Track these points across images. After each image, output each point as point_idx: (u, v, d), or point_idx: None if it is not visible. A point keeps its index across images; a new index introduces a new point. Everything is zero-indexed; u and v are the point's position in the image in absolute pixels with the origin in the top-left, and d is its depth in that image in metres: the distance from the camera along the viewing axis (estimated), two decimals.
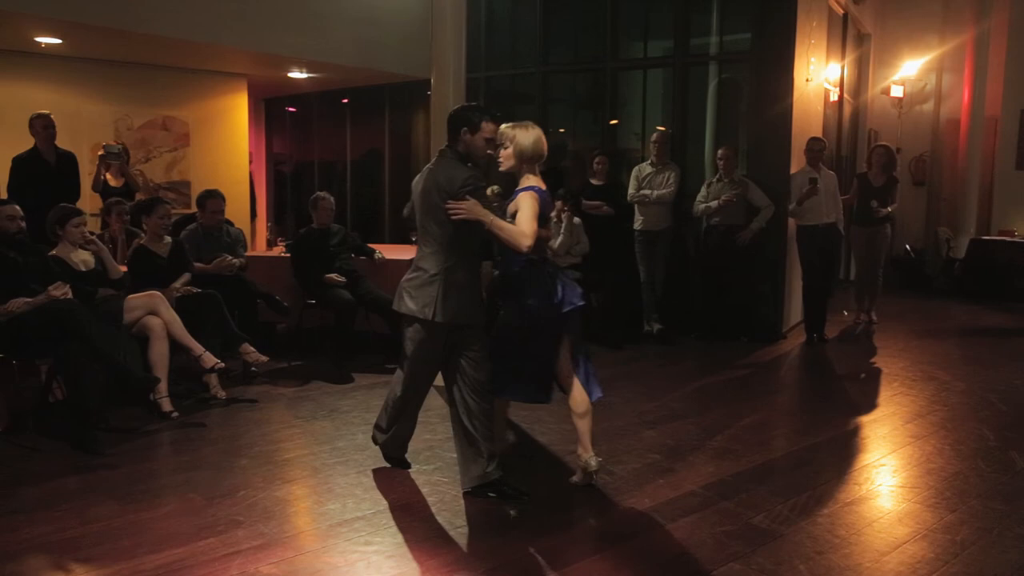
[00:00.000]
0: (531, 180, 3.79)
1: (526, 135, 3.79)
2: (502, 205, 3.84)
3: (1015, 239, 10.53)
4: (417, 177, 3.89)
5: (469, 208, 3.58)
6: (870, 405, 5.56)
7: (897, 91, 11.56)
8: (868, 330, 8.15)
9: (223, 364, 5.26)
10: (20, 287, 4.63)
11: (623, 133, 8.87)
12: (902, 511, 3.72)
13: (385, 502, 3.73)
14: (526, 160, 3.80)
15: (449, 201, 3.60)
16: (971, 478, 4.12)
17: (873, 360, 6.94)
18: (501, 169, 3.85)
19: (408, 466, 4.17)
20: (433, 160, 3.87)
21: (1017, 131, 10.94)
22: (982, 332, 8.49)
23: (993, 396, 5.72)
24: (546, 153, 3.88)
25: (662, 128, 8.04)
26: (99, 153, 7.34)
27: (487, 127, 3.75)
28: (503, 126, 3.82)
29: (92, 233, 5.36)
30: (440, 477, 4.05)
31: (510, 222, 3.68)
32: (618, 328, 7.64)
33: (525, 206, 3.66)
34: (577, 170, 8.75)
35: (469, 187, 3.62)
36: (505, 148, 3.78)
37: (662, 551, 3.30)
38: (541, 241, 3.77)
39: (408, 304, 3.75)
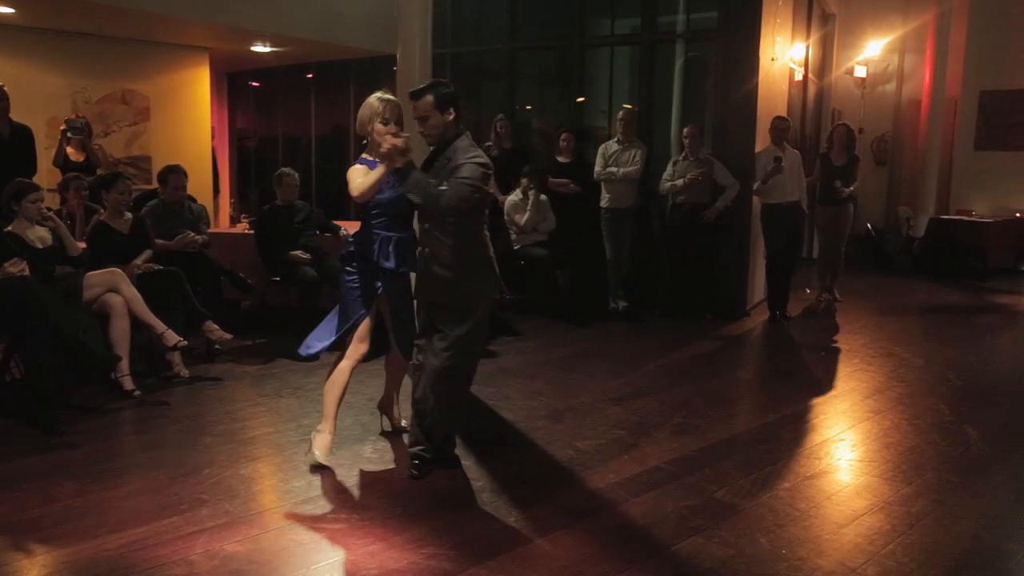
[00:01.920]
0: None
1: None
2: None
3: (973, 219, 10.73)
4: None
5: None
6: (830, 381, 5.66)
7: (860, 71, 11.67)
8: (830, 308, 8.27)
9: (186, 342, 5.20)
10: None
11: (590, 111, 8.86)
12: (860, 484, 3.81)
13: (351, 479, 3.73)
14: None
15: None
16: (927, 452, 4.22)
17: (834, 337, 7.05)
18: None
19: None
20: None
21: (976, 112, 11.12)
22: (940, 309, 8.66)
23: (950, 372, 5.85)
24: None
25: (628, 106, 8.04)
26: (61, 127, 7.17)
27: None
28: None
29: (50, 209, 5.25)
30: (405, 454, 4.05)
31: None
32: (584, 305, 7.67)
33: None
34: (543, 147, 8.74)
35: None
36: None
37: (627, 525, 3.34)
38: None
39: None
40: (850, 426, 4.67)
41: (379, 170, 3.67)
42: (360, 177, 3.76)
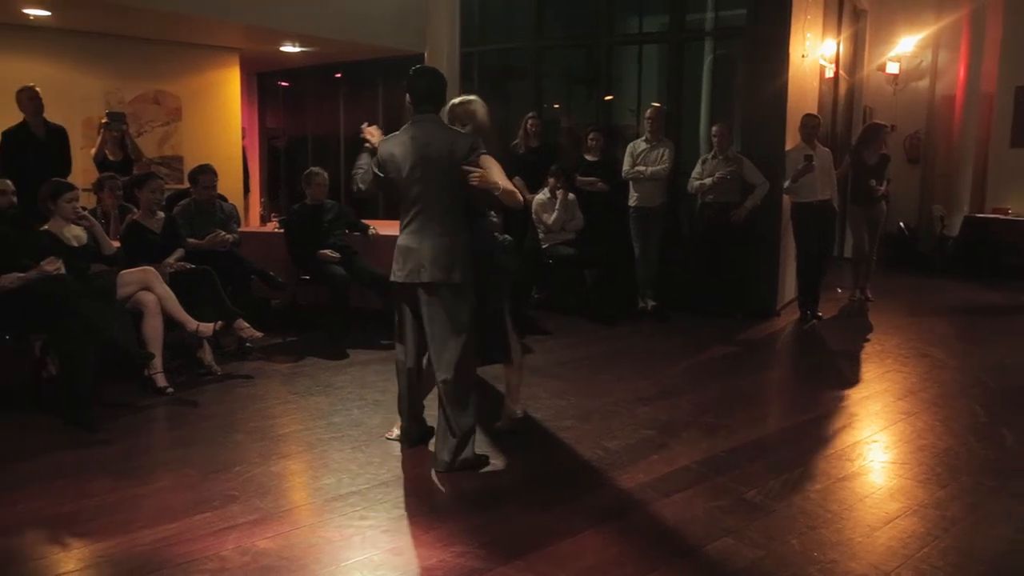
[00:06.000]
0: None
1: (483, 109, 4.02)
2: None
3: (1009, 217, 10.54)
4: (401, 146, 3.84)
5: (483, 176, 3.73)
6: (862, 382, 5.59)
7: (893, 68, 11.52)
8: (862, 307, 8.18)
9: (221, 322, 5.27)
10: (12, 262, 4.61)
11: (618, 109, 8.83)
12: (893, 487, 3.76)
13: (380, 477, 3.74)
14: (485, 134, 3.98)
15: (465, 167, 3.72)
16: (962, 454, 4.15)
17: (866, 337, 6.96)
18: None
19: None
20: (425, 125, 3.83)
21: (1012, 108, 10.90)
22: (975, 310, 8.53)
23: (984, 374, 5.75)
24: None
25: (657, 104, 7.99)
26: (102, 121, 7.24)
27: None
28: (456, 102, 4.01)
29: (85, 208, 5.33)
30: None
31: None
32: (612, 304, 7.65)
33: (495, 165, 3.83)
34: (571, 146, 8.71)
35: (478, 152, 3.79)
36: (466, 126, 3.94)
37: (656, 526, 3.32)
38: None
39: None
40: (882, 428, 4.61)
41: None
42: None
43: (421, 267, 3.77)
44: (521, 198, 3.91)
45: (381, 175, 3.89)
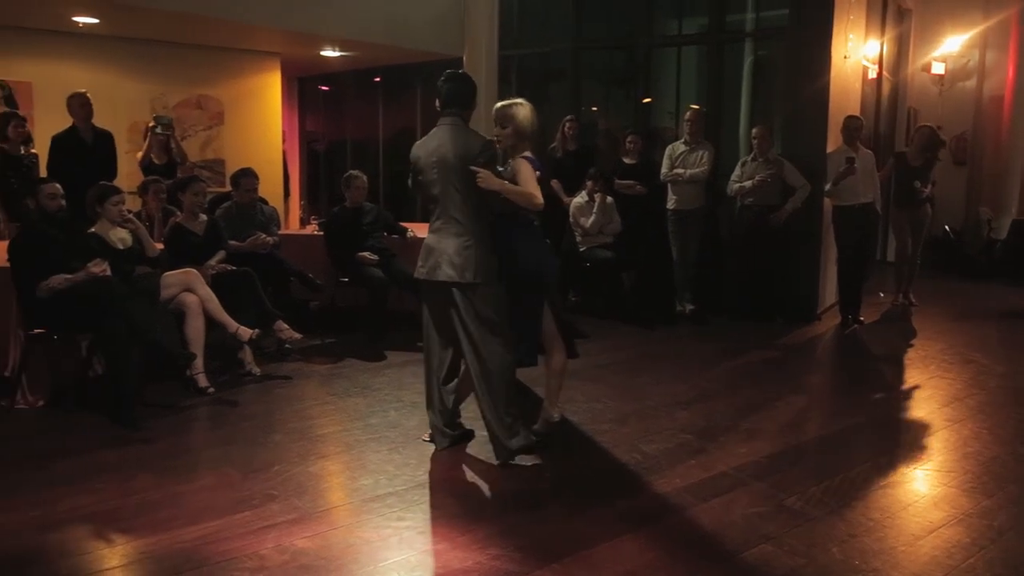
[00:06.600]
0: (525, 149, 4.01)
1: (525, 112, 3.97)
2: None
3: None
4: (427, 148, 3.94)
5: (486, 177, 3.75)
6: (906, 388, 5.49)
7: (938, 68, 11.29)
8: (905, 312, 8.03)
9: (259, 330, 5.32)
10: (61, 264, 4.71)
11: (656, 111, 8.79)
12: (937, 495, 3.68)
13: (417, 478, 3.76)
14: (525, 137, 3.98)
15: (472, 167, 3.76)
16: (1009, 463, 4.05)
17: (909, 342, 6.84)
18: (500, 147, 4.01)
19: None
20: (445, 128, 3.92)
21: None
22: (1022, 315, 8.33)
23: None
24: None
25: (696, 106, 7.93)
26: (150, 125, 7.38)
27: None
28: (499, 105, 4.01)
29: (130, 211, 5.43)
30: (473, 452, 4.08)
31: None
32: (650, 308, 7.61)
33: (525, 169, 3.86)
34: (609, 149, 8.69)
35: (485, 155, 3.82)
36: (505, 128, 3.96)
37: (693, 532, 3.29)
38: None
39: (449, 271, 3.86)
40: (927, 435, 4.52)
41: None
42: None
43: (438, 266, 3.87)
44: (540, 200, 3.85)
45: (418, 177, 3.99)
